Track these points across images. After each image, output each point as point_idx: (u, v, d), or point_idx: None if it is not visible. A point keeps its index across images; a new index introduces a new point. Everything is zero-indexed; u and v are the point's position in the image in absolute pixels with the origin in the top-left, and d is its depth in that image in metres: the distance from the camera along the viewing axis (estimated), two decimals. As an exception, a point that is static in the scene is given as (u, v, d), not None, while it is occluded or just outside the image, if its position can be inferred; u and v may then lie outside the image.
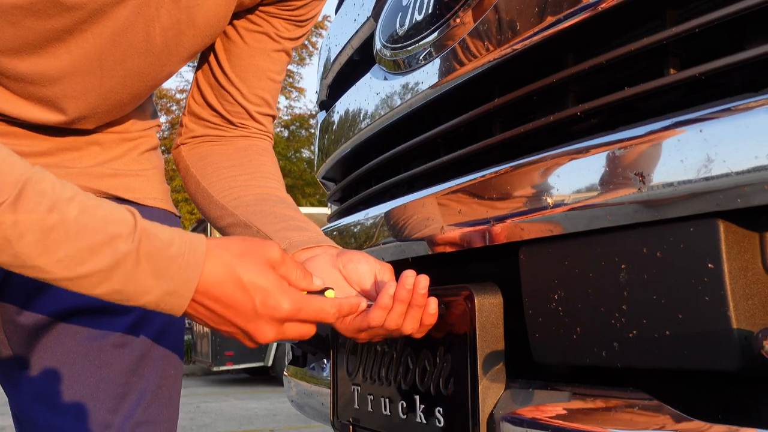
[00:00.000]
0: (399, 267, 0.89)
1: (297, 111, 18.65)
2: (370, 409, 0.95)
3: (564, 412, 0.71)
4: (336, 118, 1.39)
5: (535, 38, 0.79)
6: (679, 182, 0.58)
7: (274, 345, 8.26)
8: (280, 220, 0.91)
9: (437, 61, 1.00)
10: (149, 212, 0.92)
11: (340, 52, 1.39)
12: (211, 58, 0.98)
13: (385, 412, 0.91)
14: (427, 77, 1.02)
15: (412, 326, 0.77)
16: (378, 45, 1.17)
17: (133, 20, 0.79)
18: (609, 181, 0.64)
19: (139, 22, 0.80)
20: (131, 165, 0.95)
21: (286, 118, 18.40)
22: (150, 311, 0.87)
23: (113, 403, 0.88)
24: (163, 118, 17.61)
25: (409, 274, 0.75)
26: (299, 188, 17.20)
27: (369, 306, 0.76)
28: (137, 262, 0.66)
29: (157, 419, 0.92)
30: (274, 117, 1.06)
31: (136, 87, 0.86)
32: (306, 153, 17.74)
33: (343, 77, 1.41)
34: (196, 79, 1.01)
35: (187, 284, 0.68)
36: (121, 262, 0.65)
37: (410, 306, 0.76)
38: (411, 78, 1.06)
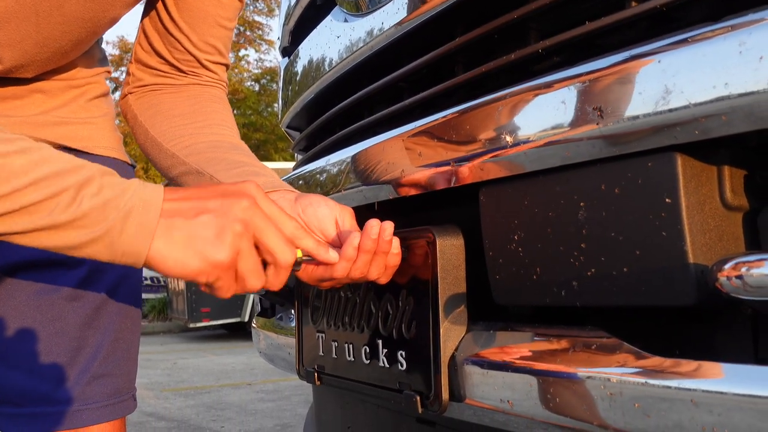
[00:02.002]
0: (362, 212, 0.88)
1: (267, 65, 18.34)
2: (334, 355, 0.95)
3: (525, 352, 0.71)
4: (298, 64, 1.35)
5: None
6: (637, 115, 0.56)
7: (251, 301, 8.26)
8: (234, 166, 0.88)
9: (398, 0, 0.96)
10: (101, 162, 0.89)
11: (301, -5, 1.35)
12: (159, 2, 0.93)
13: (349, 358, 0.91)
14: (388, 17, 0.99)
15: (377, 272, 0.76)
16: (338, -14, 1.13)
17: None
18: (567, 117, 0.63)
19: None
20: (78, 113, 0.91)
21: (256, 71, 18.09)
22: (103, 264, 0.84)
23: (68, 357, 0.86)
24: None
25: (373, 224, 0.73)
26: (271, 143, 16.99)
27: None
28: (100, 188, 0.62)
29: (115, 372, 0.90)
30: (226, 66, 1.01)
31: (76, 33, 0.82)
32: (278, 107, 17.49)
33: (304, 22, 1.37)
34: (142, 26, 0.96)
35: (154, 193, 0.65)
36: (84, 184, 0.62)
37: (376, 254, 0.75)
38: (372, 19, 1.03)
